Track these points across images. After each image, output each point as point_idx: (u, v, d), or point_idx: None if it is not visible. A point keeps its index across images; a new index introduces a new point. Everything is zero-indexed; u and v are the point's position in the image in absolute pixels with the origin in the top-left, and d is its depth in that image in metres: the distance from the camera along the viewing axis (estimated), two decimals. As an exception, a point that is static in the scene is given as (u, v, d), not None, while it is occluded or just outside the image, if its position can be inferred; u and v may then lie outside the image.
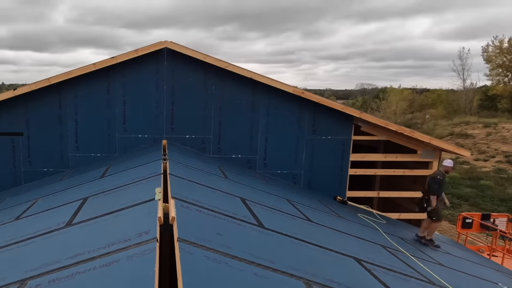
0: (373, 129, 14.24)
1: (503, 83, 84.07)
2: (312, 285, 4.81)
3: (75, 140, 13.24)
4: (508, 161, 49.25)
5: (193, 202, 6.15)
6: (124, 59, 12.83)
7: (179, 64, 13.25)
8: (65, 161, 13.30)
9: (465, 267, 10.27)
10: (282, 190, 11.79)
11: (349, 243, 8.25)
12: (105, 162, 12.32)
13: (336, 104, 14.25)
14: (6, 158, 13.15)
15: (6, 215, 8.74)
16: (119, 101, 13.22)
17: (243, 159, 13.96)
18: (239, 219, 6.47)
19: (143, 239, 4.56)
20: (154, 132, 13.43)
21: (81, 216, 6.58)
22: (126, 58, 12.83)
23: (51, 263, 4.78)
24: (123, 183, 8.07)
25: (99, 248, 4.75)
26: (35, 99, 12.98)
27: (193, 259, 4.11)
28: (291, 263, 5.28)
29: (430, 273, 7.84)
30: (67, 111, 13.12)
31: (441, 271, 8.55)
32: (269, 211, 8.17)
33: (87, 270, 4.29)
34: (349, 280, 5.55)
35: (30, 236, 6.26)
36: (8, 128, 13.03)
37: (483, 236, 23.98)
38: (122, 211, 6.04)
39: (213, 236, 5.05)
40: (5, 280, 4.68)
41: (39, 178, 13.19)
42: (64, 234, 5.86)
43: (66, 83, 12.93)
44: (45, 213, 7.71)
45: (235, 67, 13.28)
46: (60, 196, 9.06)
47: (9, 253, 5.78)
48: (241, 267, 4.51)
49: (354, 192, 14.80)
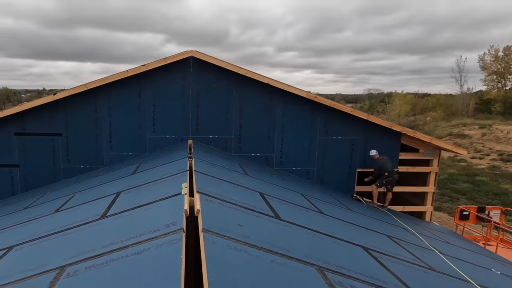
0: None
1: (497, 88, 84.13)
2: (324, 271, 4.75)
3: (109, 140, 13.28)
4: (501, 159, 49.37)
5: (216, 196, 6.11)
6: (154, 67, 12.85)
7: (204, 71, 13.24)
8: (100, 159, 13.35)
9: (463, 255, 10.17)
10: (297, 185, 11.73)
11: (358, 233, 8.18)
12: (136, 160, 12.33)
13: (345, 108, 14.19)
14: (47, 156, 13.23)
15: (47, 208, 8.76)
16: (149, 105, 13.24)
17: (262, 157, 13.94)
18: (258, 211, 6.42)
19: (170, 229, 4.53)
20: (181, 132, 13.43)
21: (114, 209, 6.57)
22: (155, 65, 12.85)
23: (87, 251, 4.76)
24: (153, 179, 8.05)
25: (131, 238, 4.73)
26: (73, 103, 13.04)
27: (216, 248, 4.07)
28: (305, 252, 5.23)
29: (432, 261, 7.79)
30: (102, 114, 13.17)
31: (441, 259, 8.47)
32: (285, 204, 8.12)
33: (120, 258, 4.27)
34: (358, 267, 5.49)
35: (68, 227, 6.26)
36: (48, 129, 13.09)
37: (478, 227, 23.95)
38: (151, 204, 6.02)
39: (234, 227, 5.01)
40: (46, 266, 4.67)
41: (76, 174, 13.26)
42: (99, 225, 5.85)
43: (101, 88, 12.98)
44: (82, 206, 7.71)
45: (253, 74, 13.26)
46: (95, 191, 9.06)
47: (50, 242, 5.78)
48: (260, 255, 4.47)
49: (362, 187, 14.75)
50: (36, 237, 6.23)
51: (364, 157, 14.34)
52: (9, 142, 13.10)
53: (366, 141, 14.22)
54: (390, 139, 14.33)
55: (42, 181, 13.28)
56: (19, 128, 13.05)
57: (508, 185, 40.49)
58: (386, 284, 5.18)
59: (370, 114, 15.07)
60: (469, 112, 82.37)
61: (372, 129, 14.16)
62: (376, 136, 14.22)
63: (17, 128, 13.05)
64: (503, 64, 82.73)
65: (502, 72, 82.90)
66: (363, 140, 14.22)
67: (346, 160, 14.35)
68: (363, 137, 14.20)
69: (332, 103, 13.91)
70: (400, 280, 5.62)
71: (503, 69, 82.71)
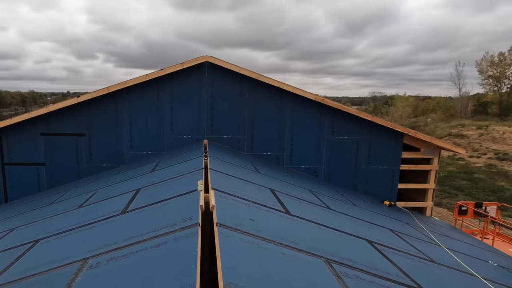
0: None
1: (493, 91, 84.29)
2: (331, 263, 4.73)
3: (130, 140, 13.30)
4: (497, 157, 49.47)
5: (229, 193, 6.09)
6: (171, 71, 12.84)
7: (218, 75, 13.23)
8: (121, 157, 13.36)
9: (461, 248, 10.12)
10: (305, 182, 11.70)
11: (362, 227, 8.14)
12: (154, 158, 12.34)
13: (351, 110, 14.14)
14: (71, 155, 13.26)
15: (70, 204, 8.79)
16: (167, 107, 13.24)
17: (272, 156, 13.90)
18: (269, 207, 6.40)
19: (187, 224, 4.52)
20: (197, 133, 13.43)
21: (134, 204, 6.57)
22: (173, 70, 12.84)
23: (109, 244, 4.77)
24: (170, 177, 8.05)
25: (150, 232, 4.73)
26: (96, 105, 13.07)
27: (230, 241, 4.06)
28: (313, 244, 5.20)
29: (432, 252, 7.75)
30: (123, 115, 13.18)
31: (441, 251, 8.45)
32: (295, 200, 8.09)
33: (139, 250, 4.27)
34: (363, 259, 5.46)
35: (91, 221, 6.27)
36: (72, 129, 13.13)
37: (476, 222, 24.01)
38: (169, 200, 6.01)
39: (247, 221, 4.99)
40: (70, 258, 4.69)
41: (98, 172, 13.30)
42: (120, 220, 5.86)
43: (122, 91, 13.01)
44: (104, 202, 7.72)
45: (265, 78, 13.23)
46: (116, 188, 9.07)
47: (73, 236, 5.79)
48: (270, 248, 4.45)
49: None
50: (61, 231, 6.26)
51: (369, 156, 14.31)
52: (35, 142, 13.15)
53: (371, 141, 14.17)
54: (393, 139, 14.26)
55: (66, 178, 13.33)
56: (45, 128, 13.10)
57: (503, 182, 40.53)
58: (389, 275, 5.15)
59: (374, 115, 15.04)
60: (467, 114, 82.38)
61: (376, 129, 14.10)
62: (379, 136, 14.17)
63: (43, 128, 13.10)
64: (498, 69, 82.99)
65: (498, 77, 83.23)
66: (368, 139, 14.17)
67: (351, 158, 14.29)
68: (367, 137, 14.15)
69: (338, 105, 13.86)
70: (403, 271, 5.59)
71: (499, 74, 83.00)
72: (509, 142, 53.62)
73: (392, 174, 14.48)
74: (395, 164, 14.44)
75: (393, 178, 14.52)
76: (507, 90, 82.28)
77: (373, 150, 14.14)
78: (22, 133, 13.11)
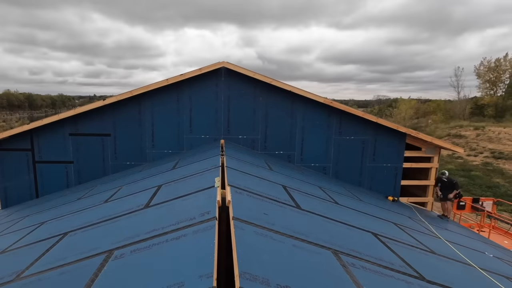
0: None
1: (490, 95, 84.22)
2: (338, 254, 4.70)
3: (152, 139, 13.32)
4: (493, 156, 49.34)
5: (244, 189, 6.07)
6: (190, 76, 12.85)
7: (234, 79, 13.22)
8: (143, 156, 13.39)
9: (460, 240, 10.04)
10: (315, 179, 11.66)
11: (368, 221, 8.08)
12: (175, 157, 12.36)
13: (357, 112, 14.10)
14: (97, 154, 13.33)
15: (97, 199, 8.81)
16: (186, 109, 13.25)
17: (284, 155, 13.87)
18: (281, 202, 6.37)
19: (205, 218, 4.50)
20: (214, 133, 13.43)
21: (156, 199, 6.57)
22: (192, 75, 12.85)
23: (132, 237, 4.77)
24: (189, 174, 8.04)
25: (170, 225, 4.72)
26: (120, 107, 13.12)
27: (245, 234, 4.04)
28: (322, 237, 5.17)
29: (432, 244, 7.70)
30: (146, 117, 13.21)
31: (441, 243, 8.40)
32: (305, 195, 8.06)
33: (161, 242, 4.27)
34: (368, 250, 5.42)
35: (116, 215, 6.28)
36: (99, 130, 13.19)
37: (473, 216, 23.94)
38: (188, 195, 6.00)
39: (261, 216, 4.97)
40: (97, 249, 4.70)
41: (123, 169, 13.36)
42: (143, 214, 5.85)
43: (145, 94, 13.05)
44: (128, 197, 7.73)
45: (277, 82, 13.21)
46: (139, 184, 9.07)
47: (100, 229, 5.80)
48: (283, 240, 4.42)
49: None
50: (88, 224, 6.27)
51: (374, 154, 14.26)
52: (64, 142, 13.22)
53: (375, 141, 14.11)
54: (396, 139, 14.20)
55: (93, 175, 13.42)
56: (73, 129, 13.17)
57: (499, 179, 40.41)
58: (393, 265, 5.11)
59: (379, 117, 15.00)
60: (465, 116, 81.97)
61: (381, 130, 14.04)
62: (384, 136, 14.11)
63: (72, 129, 13.17)
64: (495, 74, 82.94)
65: (494, 81, 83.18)
66: (373, 139, 14.10)
67: (358, 157, 14.24)
68: (372, 137, 14.08)
69: (346, 108, 13.82)
70: (405, 262, 5.55)
71: (495, 78, 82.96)
72: (504, 142, 53.41)
73: (396, 171, 14.42)
74: (398, 162, 14.37)
75: (396, 175, 14.46)
76: (502, 94, 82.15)
77: (377, 149, 14.10)
78: (52, 133, 13.20)
